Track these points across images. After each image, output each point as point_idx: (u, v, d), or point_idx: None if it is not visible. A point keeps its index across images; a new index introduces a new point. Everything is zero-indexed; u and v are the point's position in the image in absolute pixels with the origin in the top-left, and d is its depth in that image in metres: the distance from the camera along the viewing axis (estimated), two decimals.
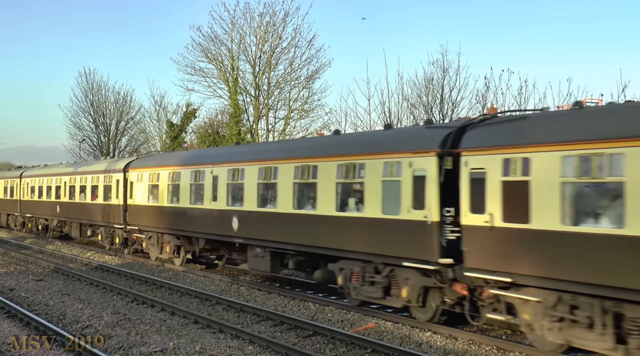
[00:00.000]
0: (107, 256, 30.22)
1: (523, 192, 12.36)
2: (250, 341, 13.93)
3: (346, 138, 19.54)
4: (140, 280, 22.84)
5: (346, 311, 16.93)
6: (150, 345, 13.48)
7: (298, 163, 18.74)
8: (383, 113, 36.14)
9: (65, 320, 16.24)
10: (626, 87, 37.24)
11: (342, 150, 17.59)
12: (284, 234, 19.28)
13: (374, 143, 16.78)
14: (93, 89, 64.02)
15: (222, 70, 46.24)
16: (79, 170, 35.18)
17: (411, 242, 14.74)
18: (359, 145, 17.27)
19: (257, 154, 21.67)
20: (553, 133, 12.24)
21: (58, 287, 21.21)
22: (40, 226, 40.99)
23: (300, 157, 18.90)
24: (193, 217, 23.96)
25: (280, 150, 21.08)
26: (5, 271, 25.15)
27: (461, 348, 13.39)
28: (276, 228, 19.57)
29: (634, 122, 11.18)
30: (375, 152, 16.16)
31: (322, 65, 45.36)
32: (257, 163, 20.65)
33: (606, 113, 12.27)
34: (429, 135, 15.13)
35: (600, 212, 11.55)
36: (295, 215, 18.79)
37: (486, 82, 32.65)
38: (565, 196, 11.75)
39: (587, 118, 12.30)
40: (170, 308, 17.40)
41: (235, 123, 44.86)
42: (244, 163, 21.48)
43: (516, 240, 12.60)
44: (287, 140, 37.97)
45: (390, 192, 15.41)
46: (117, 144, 63.67)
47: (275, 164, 19.79)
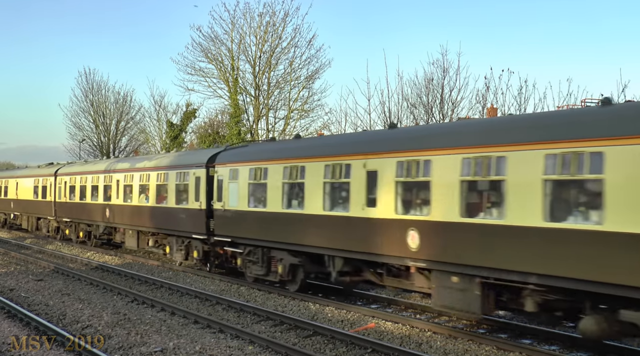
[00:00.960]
0: (107, 256, 30.19)
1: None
2: (250, 341, 13.93)
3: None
4: (140, 280, 22.84)
5: (346, 312, 16.93)
6: (150, 345, 13.48)
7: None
8: (383, 113, 36.21)
9: (65, 320, 16.24)
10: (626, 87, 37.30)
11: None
12: (521, 257, 12.58)
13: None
14: (93, 88, 64.18)
15: (222, 70, 46.34)
16: (138, 166, 28.49)
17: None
18: None
19: (465, 136, 14.22)
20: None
21: (58, 287, 21.21)
22: (82, 232, 34.25)
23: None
24: (325, 228, 17.47)
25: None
26: (5, 271, 25.15)
27: (461, 348, 13.39)
28: (507, 249, 12.88)
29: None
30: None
31: (322, 65, 45.52)
32: (463, 152, 13.75)
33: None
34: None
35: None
36: (550, 230, 12.03)
37: (486, 82, 32.75)
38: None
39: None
40: (170, 308, 17.40)
41: (235, 123, 44.90)
42: (432, 152, 14.54)
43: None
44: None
45: None
46: (117, 144, 63.76)
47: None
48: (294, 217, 18.48)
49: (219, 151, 23.32)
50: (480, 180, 13.54)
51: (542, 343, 13.80)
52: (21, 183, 42.36)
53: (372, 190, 15.90)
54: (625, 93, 28.50)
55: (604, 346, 12.87)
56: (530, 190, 12.29)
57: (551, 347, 13.45)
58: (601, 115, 11.97)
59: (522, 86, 31.73)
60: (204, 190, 22.83)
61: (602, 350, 12.87)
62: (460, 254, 13.77)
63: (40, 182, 38.86)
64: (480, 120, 19.99)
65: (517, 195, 12.58)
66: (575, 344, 13.47)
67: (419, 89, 35.15)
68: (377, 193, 15.72)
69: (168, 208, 25.31)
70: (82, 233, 34.25)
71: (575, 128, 12.01)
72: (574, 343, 13.50)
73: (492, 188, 13.46)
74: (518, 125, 13.69)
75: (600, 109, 12.35)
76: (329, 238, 17.35)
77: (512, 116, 17.35)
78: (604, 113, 12.03)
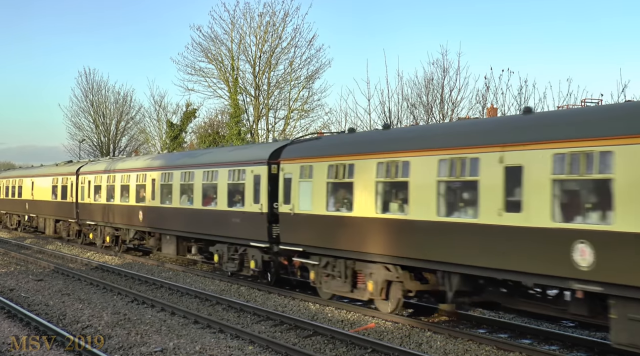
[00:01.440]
0: (106, 256, 30.18)
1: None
2: (251, 341, 13.92)
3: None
4: (140, 280, 22.84)
5: (346, 312, 16.93)
6: (151, 345, 13.48)
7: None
8: (383, 113, 36.21)
9: (65, 320, 16.24)
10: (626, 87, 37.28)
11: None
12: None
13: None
14: (93, 89, 64.29)
15: (222, 70, 46.34)
16: (178, 164, 25.29)
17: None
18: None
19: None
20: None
21: (58, 287, 21.21)
22: (109, 237, 31.16)
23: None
24: (438, 237, 14.26)
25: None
26: (5, 271, 25.15)
27: (461, 348, 13.39)
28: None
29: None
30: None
31: (322, 65, 45.52)
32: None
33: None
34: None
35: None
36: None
37: (486, 82, 32.72)
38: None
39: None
40: (170, 308, 17.40)
41: (235, 123, 44.90)
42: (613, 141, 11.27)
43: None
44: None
45: None
46: (117, 144, 63.80)
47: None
48: (393, 223, 15.36)
49: (284, 144, 20.17)
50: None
51: (542, 343, 13.81)
52: (37, 182, 39.76)
53: (514, 191, 12.75)
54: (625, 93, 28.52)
55: (603, 345, 12.87)
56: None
57: (551, 347, 13.45)
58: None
59: (522, 86, 31.74)
60: (265, 190, 19.78)
61: (602, 350, 12.88)
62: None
63: (60, 181, 35.97)
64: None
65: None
66: (575, 344, 13.48)
67: (419, 89, 35.20)
68: (523, 195, 12.50)
69: (218, 212, 22.15)
70: (108, 238, 30.94)
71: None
72: (574, 343, 13.52)
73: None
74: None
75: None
76: (444, 250, 14.09)
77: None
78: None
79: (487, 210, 13.05)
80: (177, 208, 24.66)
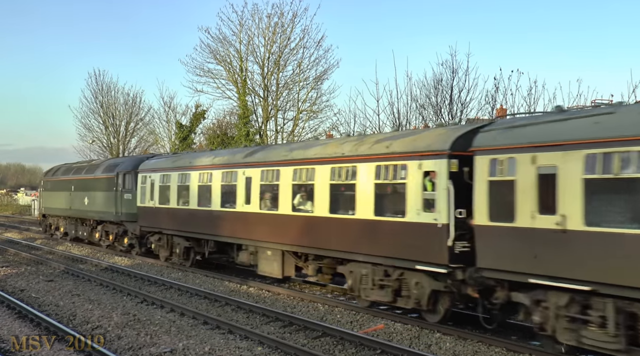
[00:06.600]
0: (116, 257, 30.28)
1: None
2: (260, 342, 13.94)
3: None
4: (149, 281, 22.90)
5: (355, 312, 16.92)
6: (160, 346, 13.52)
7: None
8: (392, 114, 36.13)
9: (75, 320, 16.31)
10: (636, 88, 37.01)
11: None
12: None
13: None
14: (103, 90, 64.37)
15: (230, 72, 46.35)
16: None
17: None
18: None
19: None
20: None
21: (68, 288, 21.30)
22: (179, 249, 25.92)
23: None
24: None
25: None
26: (16, 272, 25.27)
27: (471, 349, 13.36)
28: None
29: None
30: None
31: (331, 66, 45.39)
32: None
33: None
34: None
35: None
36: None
37: (495, 83, 32.54)
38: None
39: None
40: (179, 309, 17.43)
41: (243, 124, 44.93)
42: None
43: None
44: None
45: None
46: (127, 145, 63.99)
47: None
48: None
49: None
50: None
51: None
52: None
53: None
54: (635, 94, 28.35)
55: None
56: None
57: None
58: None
59: (531, 87, 31.54)
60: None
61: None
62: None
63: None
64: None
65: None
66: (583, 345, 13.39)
67: (427, 90, 35.06)
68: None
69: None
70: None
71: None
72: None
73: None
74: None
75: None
76: None
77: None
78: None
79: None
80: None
